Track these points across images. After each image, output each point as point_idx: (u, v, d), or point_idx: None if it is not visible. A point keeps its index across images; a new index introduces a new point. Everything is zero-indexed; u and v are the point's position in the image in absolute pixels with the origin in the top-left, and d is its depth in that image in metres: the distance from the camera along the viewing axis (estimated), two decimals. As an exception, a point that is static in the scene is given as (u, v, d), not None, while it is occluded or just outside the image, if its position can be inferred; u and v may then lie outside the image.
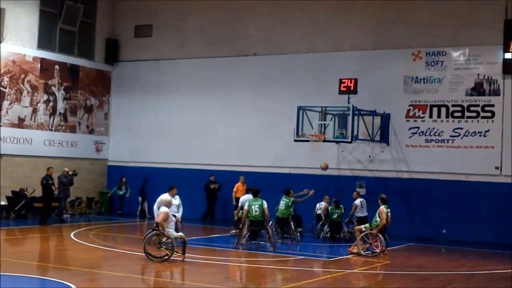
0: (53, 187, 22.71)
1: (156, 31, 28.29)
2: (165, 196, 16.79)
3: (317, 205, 22.04)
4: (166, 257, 15.22)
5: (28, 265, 14.81)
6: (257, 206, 18.06)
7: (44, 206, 22.85)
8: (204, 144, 26.77)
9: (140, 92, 28.46)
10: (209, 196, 25.47)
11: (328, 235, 20.76)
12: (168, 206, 15.75)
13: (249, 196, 19.27)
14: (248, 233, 18.18)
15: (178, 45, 27.75)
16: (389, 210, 17.82)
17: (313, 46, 25.06)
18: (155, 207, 17.04)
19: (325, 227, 21.07)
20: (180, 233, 15.84)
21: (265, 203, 18.15)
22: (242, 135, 26.09)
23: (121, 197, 27.33)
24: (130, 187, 27.23)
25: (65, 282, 12.36)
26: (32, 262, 15.10)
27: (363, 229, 17.71)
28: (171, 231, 15.48)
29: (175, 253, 15.20)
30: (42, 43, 26.31)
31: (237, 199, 22.99)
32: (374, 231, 17.45)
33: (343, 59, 24.30)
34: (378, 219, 17.53)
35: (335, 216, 20.73)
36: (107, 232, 22.32)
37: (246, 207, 18.22)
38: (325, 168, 21.82)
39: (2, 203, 24.15)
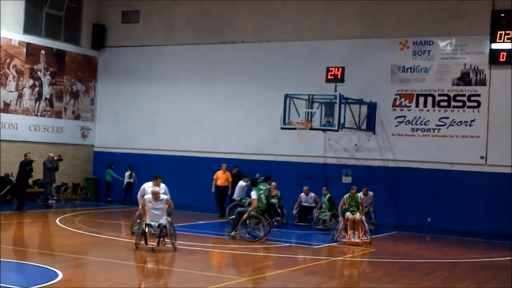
0: (32, 174, 22.40)
1: (143, 17, 28.15)
2: (148, 185, 16.69)
3: (302, 195, 22.14)
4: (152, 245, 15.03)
5: (13, 250, 14.76)
6: (263, 195, 18.08)
7: (20, 192, 22.62)
8: (191, 131, 26.73)
9: (126, 78, 28.34)
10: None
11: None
12: (155, 196, 15.28)
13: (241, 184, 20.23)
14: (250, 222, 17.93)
15: (165, 32, 27.63)
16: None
17: (301, 34, 25.03)
18: (138, 195, 16.81)
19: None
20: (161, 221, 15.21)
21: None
22: (228, 122, 26.07)
23: (109, 183, 27.17)
24: (117, 173, 27.04)
25: (50, 268, 12.33)
26: (17, 248, 15.05)
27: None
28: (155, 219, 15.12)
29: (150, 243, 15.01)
30: (28, 28, 26.10)
31: (217, 187, 22.92)
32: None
33: (330, 47, 24.30)
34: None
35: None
36: (93, 218, 22.26)
37: (255, 196, 17.89)
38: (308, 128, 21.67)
39: (-13, 188, 24.06)
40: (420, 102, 23.21)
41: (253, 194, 17.90)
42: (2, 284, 10.82)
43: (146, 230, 14.92)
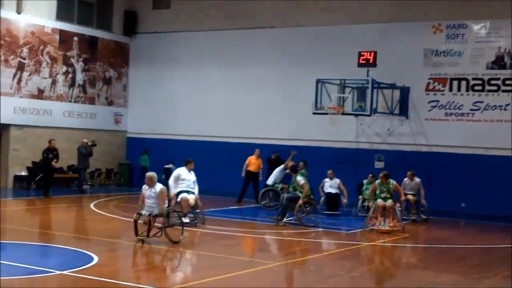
0: (54, 161, 22.40)
1: (174, 3, 28.21)
2: (181, 170, 16.81)
3: (326, 180, 21.46)
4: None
5: (50, 234, 15.02)
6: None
7: (44, 178, 22.82)
8: (222, 117, 26.78)
9: (158, 64, 28.47)
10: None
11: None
12: (149, 182, 14.15)
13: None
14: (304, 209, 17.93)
15: (196, 17, 27.66)
16: None
17: (332, 19, 24.86)
18: (171, 181, 16.90)
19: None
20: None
21: None
22: (260, 108, 26.06)
23: (144, 168, 27.35)
24: (150, 159, 27.26)
25: (85, 252, 12.53)
26: (53, 232, 15.29)
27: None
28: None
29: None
30: (61, 15, 26.34)
31: (248, 172, 22.89)
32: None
33: (362, 31, 24.11)
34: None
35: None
36: (126, 203, 22.48)
37: (304, 181, 17.78)
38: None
39: (23, 173, 24.41)
40: (453, 86, 22.95)
41: (301, 179, 17.86)
42: (40, 268, 11.01)
43: (135, 218, 13.98)
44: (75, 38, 26.89)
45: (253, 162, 23.12)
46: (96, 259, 11.90)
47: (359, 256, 14.44)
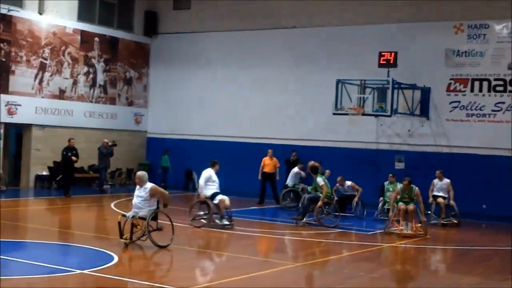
0: (73, 158, 22.50)
1: (194, 3, 28.27)
2: (208, 172, 16.80)
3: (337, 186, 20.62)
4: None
5: (70, 234, 15.10)
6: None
7: (64, 177, 22.94)
8: (242, 117, 26.80)
9: (178, 65, 28.56)
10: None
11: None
12: (138, 181, 13.71)
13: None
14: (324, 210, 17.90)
15: (216, 18, 27.70)
16: None
17: (353, 19, 24.78)
18: (201, 182, 16.89)
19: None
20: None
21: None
22: (279, 108, 26.04)
23: (165, 169, 27.47)
24: (170, 159, 27.37)
25: (106, 251, 12.59)
26: (74, 231, 15.38)
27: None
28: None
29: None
30: (82, 15, 26.51)
31: (264, 173, 22.80)
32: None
33: (383, 31, 24.01)
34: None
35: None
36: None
37: (323, 182, 17.71)
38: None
39: (44, 173, 24.59)
40: (475, 86, 22.77)
41: (321, 181, 17.83)
42: (61, 267, 11.08)
43: (119, 220, 13.36)
44: (96, 39, 27.04)
45: (267, 163, 22.98)
46: (116, 258, 11.96)
47: (379, 257, 14.37)
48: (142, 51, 29.04)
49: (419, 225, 16.82)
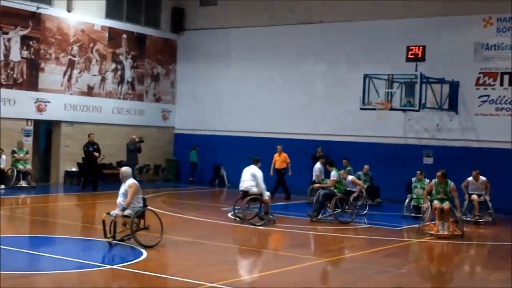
0: (95, 153, 22.78)
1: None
2: (248, 169, 16.81)
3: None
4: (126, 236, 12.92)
5: (99, 229, 15.21)
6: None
7: (89, 172, 23.15)
8: (269, 113, 26.79)
9: (205, 61, 28.63)
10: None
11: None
12: (122, 177, 13.28)
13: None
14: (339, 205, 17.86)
15: (242, 14, 27.71)
16: None
17: (380, 13, 24.62)
18: (263, 184, 16.73)
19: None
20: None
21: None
22: (306, 103, 26.00)
23: (193, 164, 27.62)
24: (197, 155, 27.56)
25: (135, 247, 12.66)
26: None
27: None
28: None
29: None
30: (110, 13, 26.70)
31: (275, 170, 22.59)
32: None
33: (411, 25, 23.83)
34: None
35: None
36: (174, 199, 22.70)
37: (335, 177, 17.70)
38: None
39: (73, 169, 24.83)
40: (504, 80, 22.51)
41: (334, 175, 17.81)
42: (90, 262, 11.20)
43: (103, 218, 12.83)
44: (124, 36, 27.22)
45: (276, 159, 22.85)
46: (145, 254, 12.05)
47: (407, 253, 14.28)
48: (169, 47, 29.17)
49: (456, 224, 15.73)
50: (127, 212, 12.80)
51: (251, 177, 16.70)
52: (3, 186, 21.85)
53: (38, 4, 23.92)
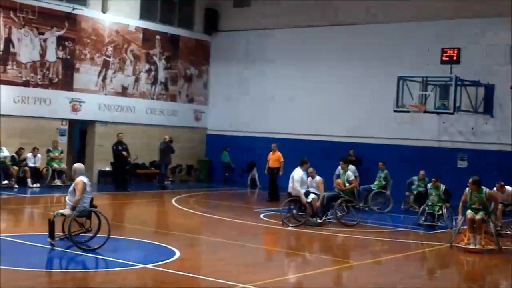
0: (123, 153, 22.88)
1: (254, 1, 28.34)
2: (297, 172, 16.76)
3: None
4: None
5: (132, 229, 15.35)
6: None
7: (114, 172, 23.42)
8: (301, 114, 26.74)
9: (238, 62, 28.70)
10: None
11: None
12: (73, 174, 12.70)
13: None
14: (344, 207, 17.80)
15: (275, 15, 27.69)
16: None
17: (415, 15, 24.43)
18: (297, 185, 16.59)
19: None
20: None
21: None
22: (340, 105, 25.90)
23: (226, 165, 27.69)
24: (230, 155, 27.68)
25: (167, 246, 12.76)
26: (136, 226, 15.61)
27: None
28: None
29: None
30: (144, 14, 26.91)
31: (269, 168, 22.20)
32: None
33: (446, 27, 23.59)
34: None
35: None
36: (206, 199, 22.79)
37: (353, 177, 17.81)
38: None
39: (107, 169, 25.04)
40: (541, 83, 22.18)
41: (351, 175, 17.88)
42: (124, 261, 11.28)
43: (50, 217, 12.05)
44: (158, 37, 27.40)
45: (270, 158, 22.35)
46: (178, 253, 12.10)
47: (438, 257, 14.09)
48: (203, 48, 29.29)
49: (491, 237, 14.31)
50: (67, 211, 12.07)
51: (291, 180, 16.74)
52: (38, 184, 22.14)
53: (74, 5, 24.20)
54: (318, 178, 17.76)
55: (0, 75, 22.39)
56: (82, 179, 12.28)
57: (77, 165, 12.83)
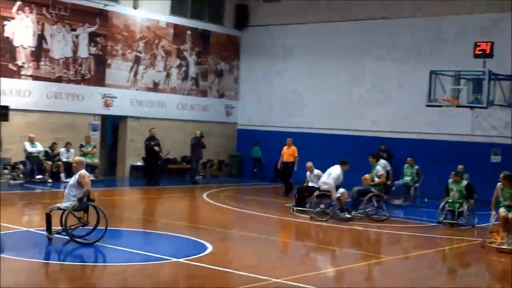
0: (155, 148, 23.07)
1: (285, -5, 28.32)
2: (333, 169, 16.73)
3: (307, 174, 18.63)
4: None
5: (164, 223, 15.45)
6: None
7: (146, 167, 23.59)
8: (332, 109, 26.65)
9: (268, 57, 28.67)
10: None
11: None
12: (75, 167, 12.48)
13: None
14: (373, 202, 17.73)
15: (306, 10, 27.60)
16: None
17: (447, 9, 24.16)
18: (333, 183, 16.57)
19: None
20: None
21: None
22: (370, 100, 25.76)
23: (256, 160, 27.70)
24: (261, 151, 27.71)
25: (199, 240, 12.81)
26: (168, 221, 15.71)
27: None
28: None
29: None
30: (175, 9, 27.01)
31: (283, 163, 22.00)
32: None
33: (478, 21, 23.30)
34: None
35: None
36: (237, 194, 22.83)
37: (383, 171, 17.88)
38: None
39: (139, 163, 25.23)
40: None
41: (380, 169, 17.80)
42: (156, 255, 11.36)
43: (47, 211, 11.95)
44: (188, 32, 27.50)
45: (284, 152, 22.14)
46: (210, 248, 12.15)
47: (474, 253, 13.94)
48: (233, 43, 29.33)
49: None
50: (64, 205, 12.01)
51: (327, 175, 16.76)
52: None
53: (105, 2, 24.38)
54: (316, 171, 17.95)
55: (34, 71, 22.69)
56: (86, 172, 12.40)
57: (81, 158, 13.18)
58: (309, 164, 18.28)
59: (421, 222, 17.31)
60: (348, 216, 16.50)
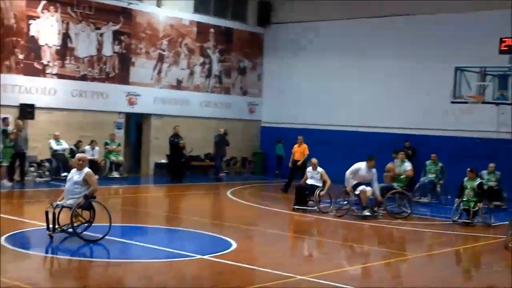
0: (180, 144, 23.20)
1: (308, -7, 28.25)
2: (359, 165, 16.66)
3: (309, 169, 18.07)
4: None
5: (188, 220, 15.51)
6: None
7: (170, 164, 23.71)
8: (355, 106, 26.54)
9: (291, 54, 28.62)
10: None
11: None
12: (77, 164, 12.53)
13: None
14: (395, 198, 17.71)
15: (329, 7, 27.48)
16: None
17: (472, 4, 23.95)
18: (348, 175, 16.59)
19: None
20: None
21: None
22: (394, 96, 25.62)
23: (279, 157, 27.66)
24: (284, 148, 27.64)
25: (224, 237, 12.85)
26: (192, 218, 15.77)
27: None
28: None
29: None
30: (198, 7, 27.08)
31: (294, 161, 21.71)
32: None
33: (504, 17, 23.04)
34: None
35: None
36: (261, 191, 22.84)
37: (410, 167, 17.88)
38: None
39: (163, 161, 25.34)
40: None
41: (409, 165, 17.74)
42: (181, 252, 11.42)
43: (47, 209, 11.78)
44: (211, 30, 27.55)
45: (295, 150, 21.92)
46: (234, 245, 12.18)
47: (500, 251, 13.81)
48: (256, 41, 29.33)
49: None
50: (68, 202, 11.87)
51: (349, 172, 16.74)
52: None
53: (129, 0, 24.50)
54: (320, 169, 17.65)
55: (59, 70, 22.88)
56: (90, 170, 12.35)
57: (85, 155, 13.22)
58: (314, 160, 17.96)
59: (446, 220, 17.14)
60: (367, 214, 16.34)
